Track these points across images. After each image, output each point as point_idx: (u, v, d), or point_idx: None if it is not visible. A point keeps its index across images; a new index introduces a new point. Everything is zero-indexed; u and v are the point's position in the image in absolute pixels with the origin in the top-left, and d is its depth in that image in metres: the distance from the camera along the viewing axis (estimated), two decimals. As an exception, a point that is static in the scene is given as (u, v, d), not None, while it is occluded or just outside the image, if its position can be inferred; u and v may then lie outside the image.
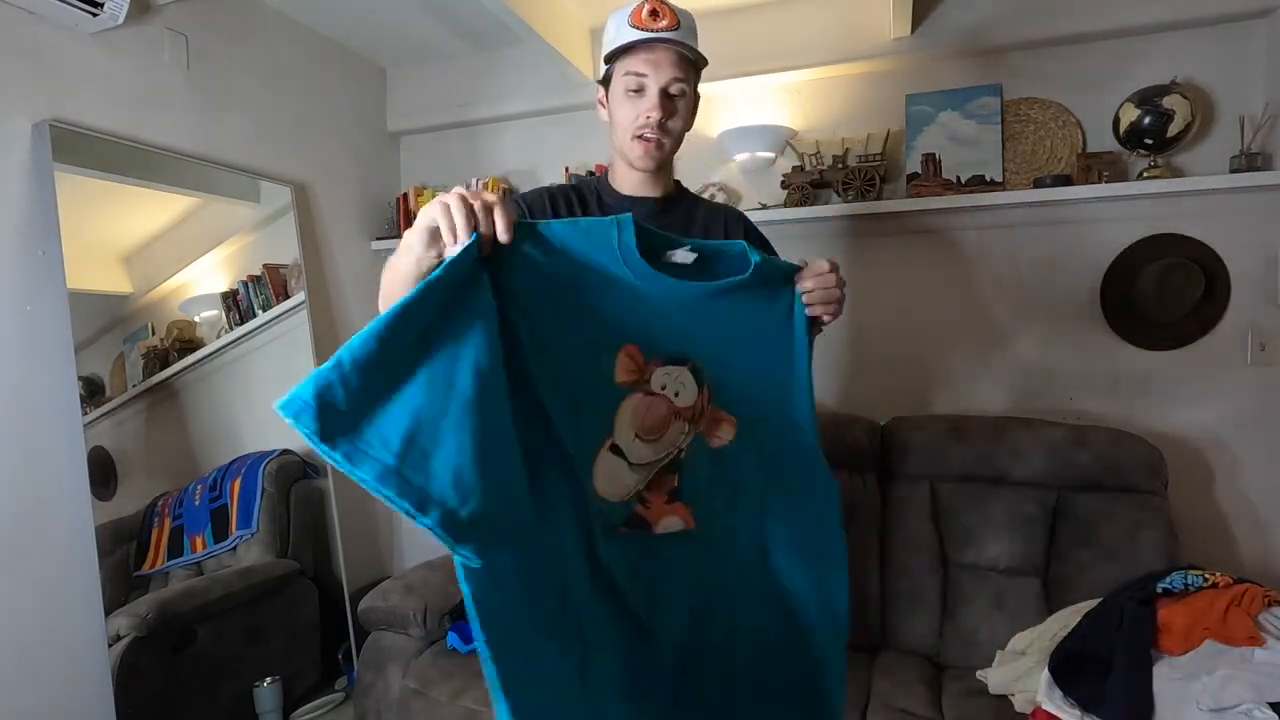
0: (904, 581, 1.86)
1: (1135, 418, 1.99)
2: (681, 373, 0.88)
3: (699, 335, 0.88)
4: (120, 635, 1.79)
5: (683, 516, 0.88)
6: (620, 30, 1.06)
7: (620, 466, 0.85)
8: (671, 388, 0.87)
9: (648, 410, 0.86)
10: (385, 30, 2.52)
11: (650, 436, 0.86)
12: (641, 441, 0.86)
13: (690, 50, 1.05)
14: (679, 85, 1.06)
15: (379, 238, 2.78)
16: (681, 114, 1.09)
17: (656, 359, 0.87)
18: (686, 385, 0.88)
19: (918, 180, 2.16)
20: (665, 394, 0.87)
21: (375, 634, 1.92)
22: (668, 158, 1.13)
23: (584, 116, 2.57)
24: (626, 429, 0.85)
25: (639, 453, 0.86)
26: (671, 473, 0.88)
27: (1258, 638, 1.18)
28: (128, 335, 1.96)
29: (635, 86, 1.06)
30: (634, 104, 1.06)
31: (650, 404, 0.86)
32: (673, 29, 1.03)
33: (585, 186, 1.20)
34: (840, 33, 2.22)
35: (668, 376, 0.87)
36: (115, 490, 1.87)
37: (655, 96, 1.05)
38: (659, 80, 1.04)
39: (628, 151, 1.10)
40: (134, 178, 1.95)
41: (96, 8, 1.73)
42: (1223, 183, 1.87)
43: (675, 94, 1.06)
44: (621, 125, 1.10)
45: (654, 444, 0.86)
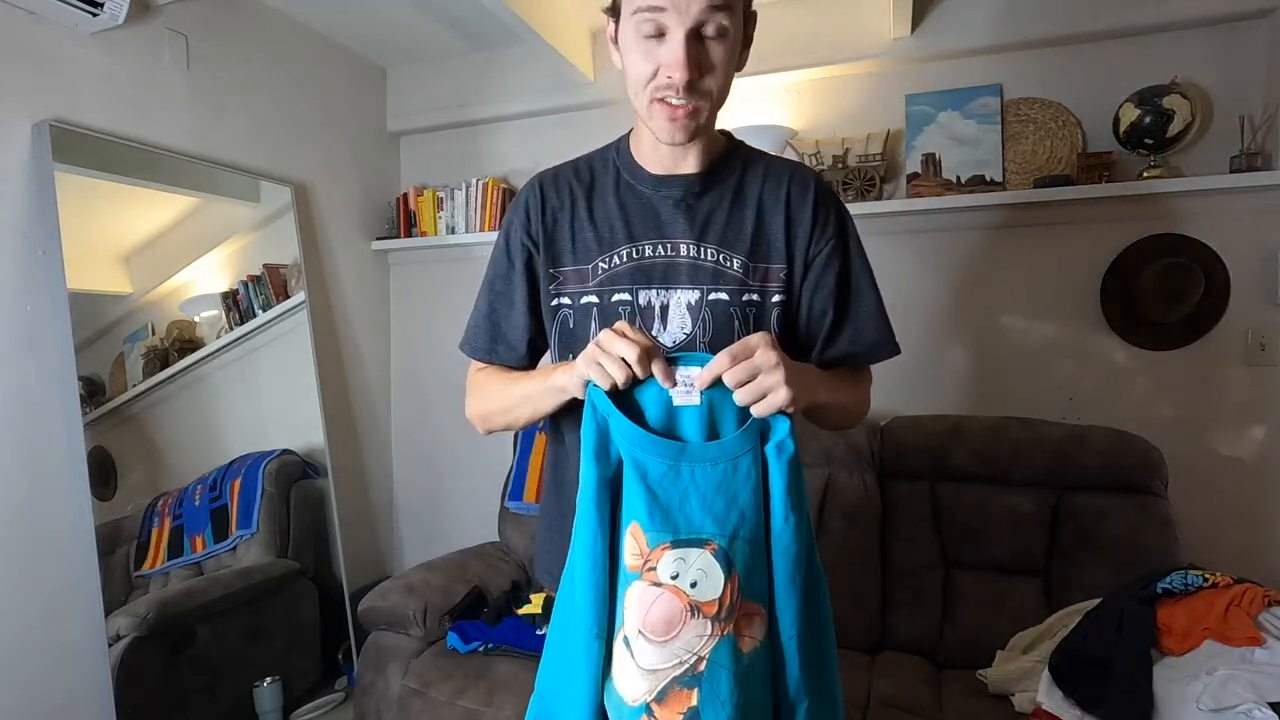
0: (904, 581, 1.86)
1: (1135, 418, 1.98)
2: (700, 556, 0.69)
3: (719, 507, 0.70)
4: (120, 635, 1.79)
5: None
6: None
7: (628, 665, 0.69)
8: (686, 577, 0.69)
9: (652, 604, 0.68)
10: (385, 30, 2.52)
11: (658, 637, 0.68)
12: (647, 642, 0.68)
13: None
14: (716, 22, 0.75)
15: (379, 238, 2.78)
16: (721, 61, 0.78)
17: (664, 541, 0.69)
18: (709, 574, 0.69)
19: (918, 180, 2.16)
20: (676, 584, 0.69)
21: (375, 634, 1.93)
22: (706, 127, 0.85)
23: (584, 116, 2.57)
24: (632, 623, 0.69)
25: (646, 656, 0.68)
26: (689, 687, 0.67)
27: (1258, 638, 1.18)
28: (128, 335, 1.96)
29: (652, 30, 0.76)
30: (651, 54, 0.77)
31: (655, 597, 0.68)
32: None
33: (601, 163, 0.97)
34: (840, 33, 2.22)
35: (680, 563, 0.69)
36: (115, 490, 1.87)
37: (681, 46, 0.75)
38: (685, 19, 0.74)
39: (648, 119, 0.83)
40: (134, 178, 1.95)
41: (96, 8, 1.73)
42: (1223, 183, 1.87)
43: (711, 35, 0.76)
44: (636, 81, 0.81)
45: (664, 647, 0.68)
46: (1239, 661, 1.16)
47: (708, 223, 0.89)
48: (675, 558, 0.69)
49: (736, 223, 0.89)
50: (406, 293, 2.89)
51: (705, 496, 0.70)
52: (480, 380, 1.00)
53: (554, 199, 0.94)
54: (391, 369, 2.90)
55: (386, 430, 2.88)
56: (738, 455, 0.71)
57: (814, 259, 0.91)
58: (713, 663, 0.68)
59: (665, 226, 0.89)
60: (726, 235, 0.89)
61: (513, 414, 0.93)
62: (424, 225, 2.71)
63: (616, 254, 0.89)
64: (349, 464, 2.65)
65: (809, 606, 0.73)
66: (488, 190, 2.59)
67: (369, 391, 2.79)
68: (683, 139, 0.83)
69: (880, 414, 2.07)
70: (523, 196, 0.97)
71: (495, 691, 1.70)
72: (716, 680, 0.68)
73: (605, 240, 0.90)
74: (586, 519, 0.72)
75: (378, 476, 2.83)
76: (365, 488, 2.77)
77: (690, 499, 0.70)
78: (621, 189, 0.92)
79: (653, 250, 0.89)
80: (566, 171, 0.97)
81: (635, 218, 0.90)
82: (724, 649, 0.68)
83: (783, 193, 0.90)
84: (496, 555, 2.26)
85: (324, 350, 2.50)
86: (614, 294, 0.89)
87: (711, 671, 0.67)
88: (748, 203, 0.90)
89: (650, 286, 0.88)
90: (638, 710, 0.69)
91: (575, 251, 0.92)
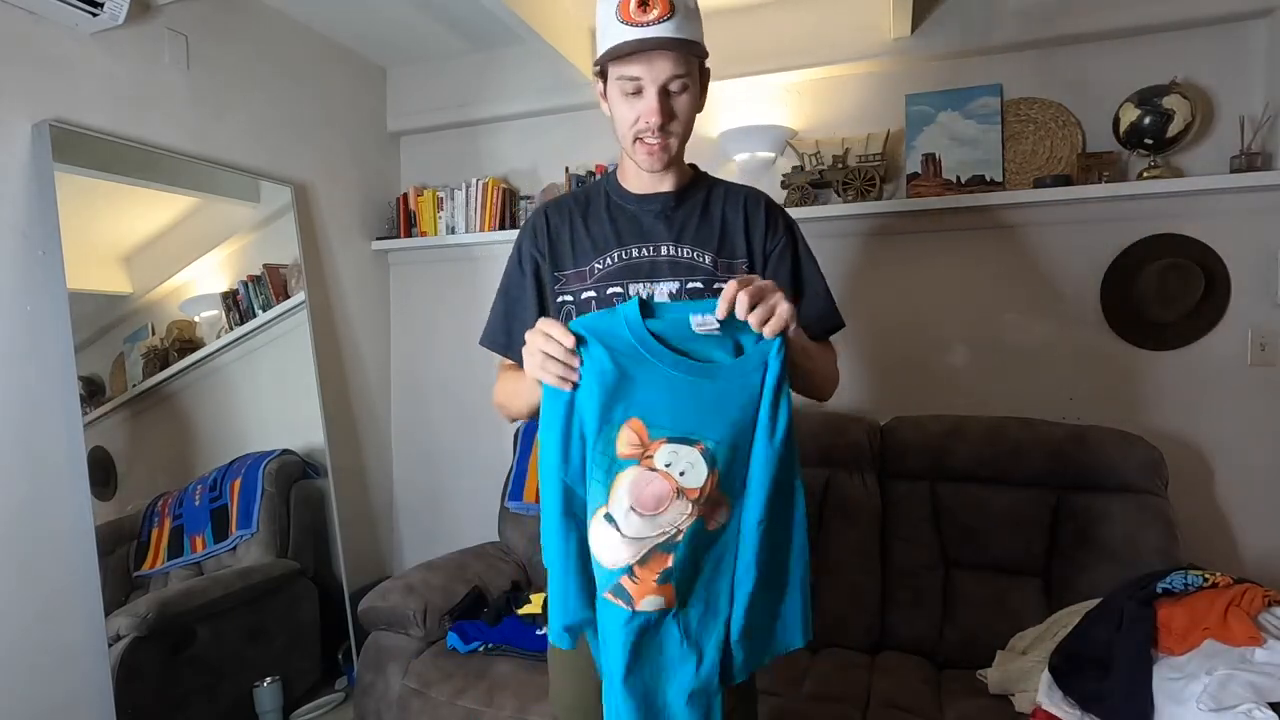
0: (904, 581, 1.86)
1: (1135, 418, 1.99)
2: (691, 453, 0.86)
3: (713, 418, 0.86)
4: (120, 635, 1.79)
5: (666, 597, 0.87)
6: (609, 25, 0.99)
7: (611, 536, 0.86)
8: (677, 466, 0.86)
9: (646, 485, 0.85)
10: (385, 30, 2.52)
11: (647, 512, 0.85)
12: (637, 515, 0.85)
13: (687, 44, 0.98)
14: (679, 81, 1.00)
15: (379, 238, 2.78)
16: (684, 109, 1.03)
17: (662, 436, 0.86)
18: (696, 466, 0.86)
19: (918, 180, 2.16)
20: (669, 472, 0.85)
21: (375, 634, 1.93)
22: (675, 156, 1.09)
23: (584, 116, 2.57)
24: (621, 501, 0.85)
25: (634, 526, 0.85)
26: (666, 552, 0.86)
27: (1258, 638, 1.18)
28: (128, 335, 1.96)
29: (633, 90, 1.01)
30: (632, 105, 1.02)
31: (650, 480, 0.85)
32: (665, 18, 0.95)
33: (594, 190, 1.18)
34: (840, 33, 2.22)
35: (674, 455, 0.85)
36: (115, 490, 1.87)
37: (654, 99, 0.99)
38: (656, 80, 0.99)
39: (631, 153, 1.07)
40: (134, 178, 1.95)
41: (96, 8, 1.73)
42: (1223, 183, 1.87)
43: (675, 90, 1.01)
44: (622, 126, 1.06)
45: (651, 520, 0.85)
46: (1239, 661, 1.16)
47: (683, 228, 1.11)
48: (670, 450, 0.86)
49: (706, 228, 1.12)
50: (406, 293, 2.89)
51: (702, 405, 0.86)
52: (500, 375, 1.19)
53: (556, 219, 1.15)
54: (391, 369, 2.90)
55: (386, 430, 2.88)
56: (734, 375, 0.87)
57: (770, 254, 1.12)
58: (688, 535, 0.86)
59: (648, 233, 1.11)
60: (699, 237, 1.11)
61: (517, 402, 1.10)
62: (424, 225, 2.71)
63: (609, 256, 1.10)
64: (349, 464, 2.65)
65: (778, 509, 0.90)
66: (488, 190, 2.59)
67: (369, 391, 2.79)
68: (659, 167, 1.07)
69: (880, 414, 2.08)
70: (530, 220, 1.18)
71: (495, 691, 1.70)
72: (688, 548, 0.86)
73: (599, 246, 1.11)
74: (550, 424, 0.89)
75: (378, 476, 2.83)
76: (365, 488, 2.77)
77: (690, 405, 0.86)
78: (611, 207, 1.14)
79: (639, 252, 1.10)
80: (566, 199, 1.19)
81: (623, 227, 1.12)
82: (697, 526, 0.86)
83: (740, 206, 1.14)
84: (496, 555, 2.26)
85: (324, 350, 2.50)
86: (609, 288, 1.08)
87: (685, 541, 0.86)
88: (714, 213, 1.13)
89: (638, 280, 1.08)
90: (619, 571, 0.86)
91: (575, 256, 1.12)
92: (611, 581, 0.86)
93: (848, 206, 2.18)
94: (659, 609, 0.87)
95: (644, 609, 0.86)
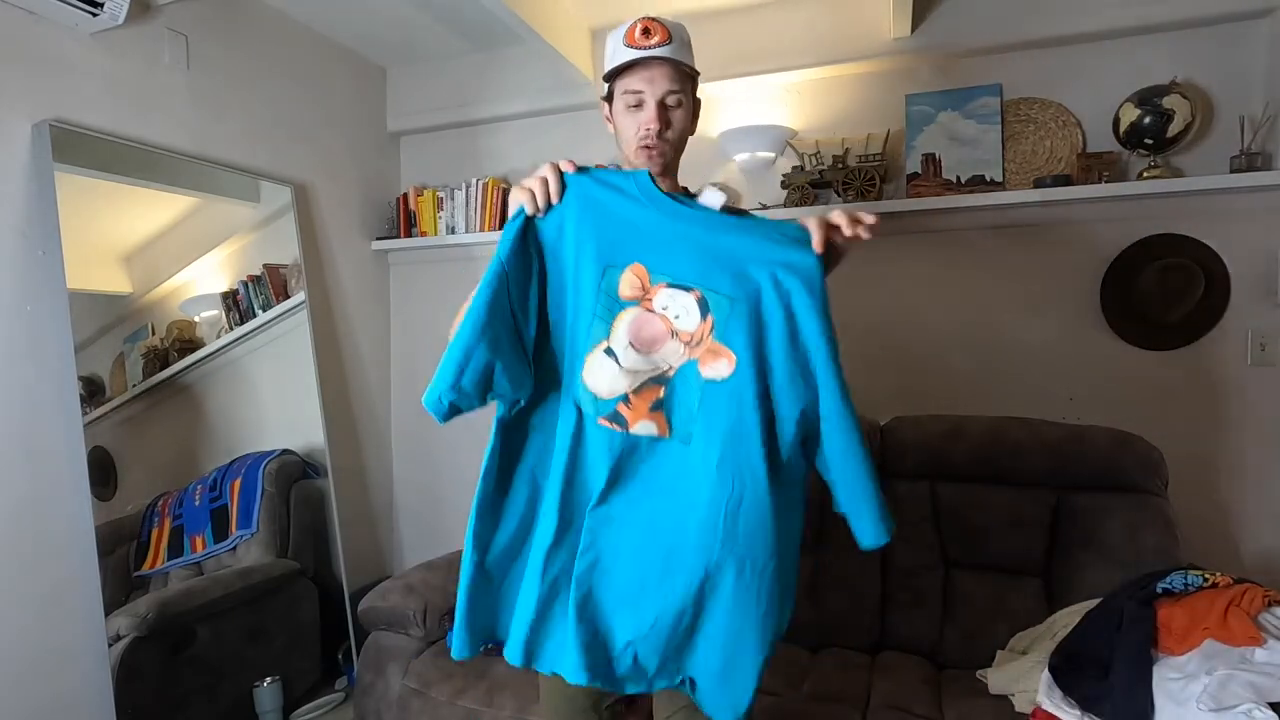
0: (904, 581, 1.86)
1: (1135, 418, 1.98)
2: (686, 298, 0.96)
3: (710, 269, 0.96)
4: (120, 635, 1.79)
5: (659, 424, 0.97)
6: (617, 50, 1.14)
7: (610, 367, 0.97)
8: (673, 310, 0.96)
9: (645, 324, 0.97)
10: (385, 30, 2.52)
11: (644, 348, 0.97)
12: (635, 351, 0.97)
13: (682, 64, 1.13)
14: (675, 96, 1.14)
15: (379, 238, 2.78)
16: (679, 121, 1.16)
17: (662, 281, 0.97)
18: (689, 311, 0.96)
19: (918, 180, 2.16)
20: (665, 314, 0.96)
21: (375, 634, 1.92)
22: (672, 162, 1.19)
23: (584, 116, 2.57)
24: (622, 336, 0.97)
25: (631, 360, 0.97)
26: (659, 384, 0.97)
27: (1258, 638, 1.18)
28: (128, 335, 1.96)
29: (634, 102, 1.13)
30: (634, 117, 1.14)
31: (648, 320, 0.97)
32: (665, 44, 1.10)
33: None
34: (840, 33, 2.22)
35: (671, 299, 0.96)
36: (115, 490, 1.87)
37: (653, 109, 1.12)
38: (655, 94, 1.12)
39: (635, 161, 1.17)
40: (134, 178, 1.95)
41: (96, 8, 1.73)
42: (1223, 183, 1.87)
43: (672, 104, 1.14)
44: (626, 137, 1.17)
45: (646, 355, 0.97)
46: (1239, 661, 1.16)
47: None
48: (668, 295, 0.97)
49: None
50: (406, 293, 2.89)
51: (702, 258, 0.96)
52: None
53: None
54: (391, 369, 2.90)
55: (386, 430, 2.88)
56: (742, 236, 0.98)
57: None
58: (679, 372, 0.97)
59: None
60: None
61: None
62: (424, 225, 2.71)
63: None
64: (349, 464, 2.65)
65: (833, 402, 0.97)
66: (488, 190, 2.59)
67: (369, 391, 2.79)
68: (657, 169, 1.15)
69: (880, 414, 2.07)
70: None
71: (495, 691, 1.70)
72: (680, 384, 0.97)
73: None
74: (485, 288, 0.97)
75: (378, 476, 2.83)
76: (365, 488, 2.77)
77: (690, 256, 0.97)
78: None
79: None
80: None
81: None
82: (689, 367, 0.97)
83: None
84: (496, 555, 2.26)
85: (324, 350, 2.50)
86: None
87: (676, 378, 0.97)
88: None
89: None
90: (616, 400, 0.97)
91: None
92: (609, 408, 0.97)
93: (848, 207, 2.18)
94: (651, 435, 0.97)
95: (637, 432, 0.97)
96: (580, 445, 0.99)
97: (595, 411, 0.98)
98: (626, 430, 0.97)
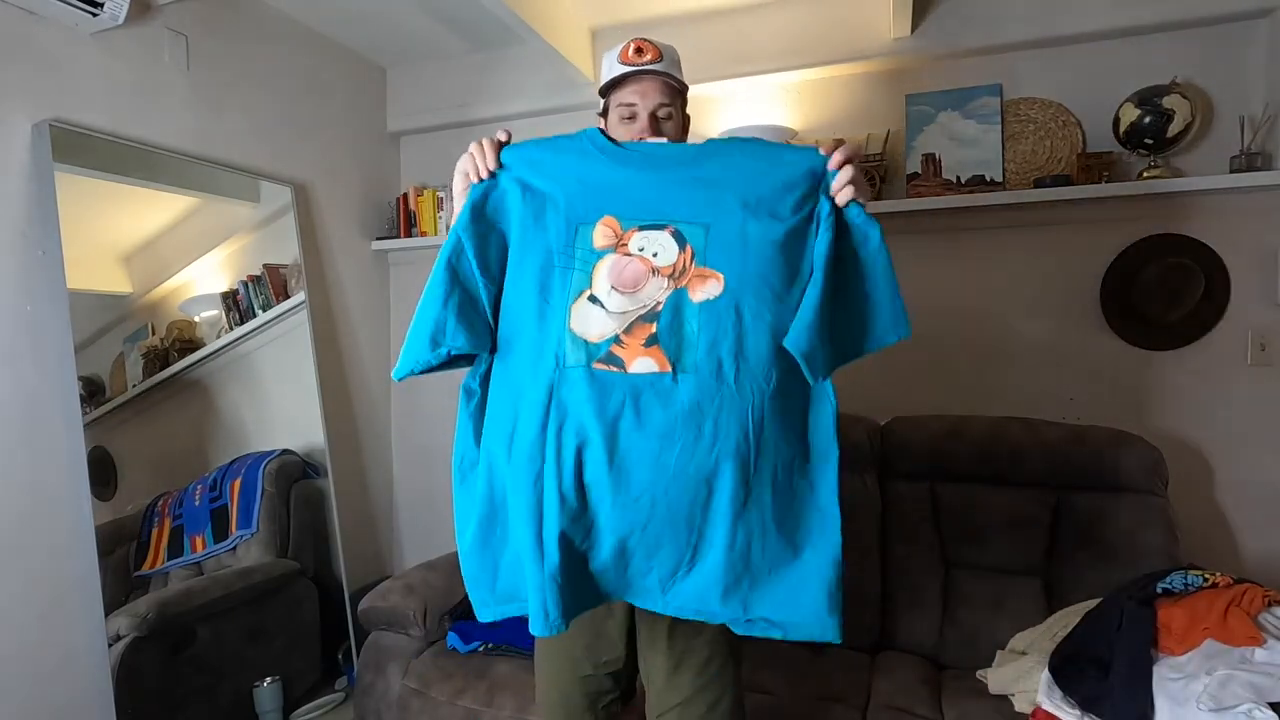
0: (904, 581, 1.86)
1: (1135, 418, 1.99)
2: (660, 235, 1.00)
3: (679, 200, 1.01)
4: (120, 635, 1.79)
5: (656, 359, 0.98)
6: (612, 68, 1.22)
7: (596, 313, 0.99)
8: (650, 249, 1.00)
9: (624, 268, 1.00)
10: (385, 30, 2.52)
11: (626, 289, 0.99)
12: (619, 293, 0.99)
13: (673, 79, 1.21)
14: (665, 109, 1.21)
15: (379, 238, 2.78)
16: (670, 133, 1.22)
17: (634, 226, 1.01)
18: (666, 247, 1.00)
19: (918, 180, 2.16)
20: (643, 255, 1.00)
21: (375, 634, 1.93)
22: None
23: (584, 117, 2.56)
24: (603, 282, 1.00)
25: (616, 302, 0.99)
26: (649, 322, 0.99)
27: (1258, 638, 1.18)
28: (128, 335, 1.96)
29: (628, 114, 1.20)
30: (628, 128, 1.21)
31: (627, 263, 1.00)
32: (656, 61, 1.18)
33: None
34: (840, 33, 2.22)
35: (646, 240, 1.00)
36: (115, 490, 1.87)
37: (645, 120, 1.19)
38: (647, 106, 1.19)
39: None
40: (134, 178, 1.95)
41: (96, 8, 1.73)
42: (1223, 183, 1.87)
43: (663, 117, 1.21)
44: None
45: (631, 295, 0.99)
46: (1239, 661, 1.16)
47: None
48: (642, 237, 1.00)
49: None
50: (406, 293, 2.89)
51: (666, 192, 1.02)
52: None
53: None
54: (391, 369, 2.90)
55: (386, 430, 2.88)
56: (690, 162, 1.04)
57: None
58: (666, 305, 0.99)
59: None
60: None
61: None
62: (424, 225, 2.71)
63: None
64: (349, 464, 2.65)
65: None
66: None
67: (369, 391, 2.79)
68: None
69: (880, 414, 2.07)
70: None
71: (495, 691, 1.70)
72: (671, 315, 0.98)
73: None
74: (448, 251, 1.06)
75: (378, 476, 2.83)
76: (365, 488, 2.77)
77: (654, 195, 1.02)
78: None
79: None
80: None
81: None
82: (676, 296, 0.99)
83: None
84: (496, 555, 2.26)
85: (324, 350, 2.50)
86: None
87: (665, 310, 0.98)
88: None
89: None
90: (608, 341, 0.98)
91: None
92: (602, 351, 0.98)
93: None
94: (651, 371, 0.97)
95: (636, 370, 0.97)
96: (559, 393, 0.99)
97: (589, 357, 0.98)
98: (624, 370, 0.97)
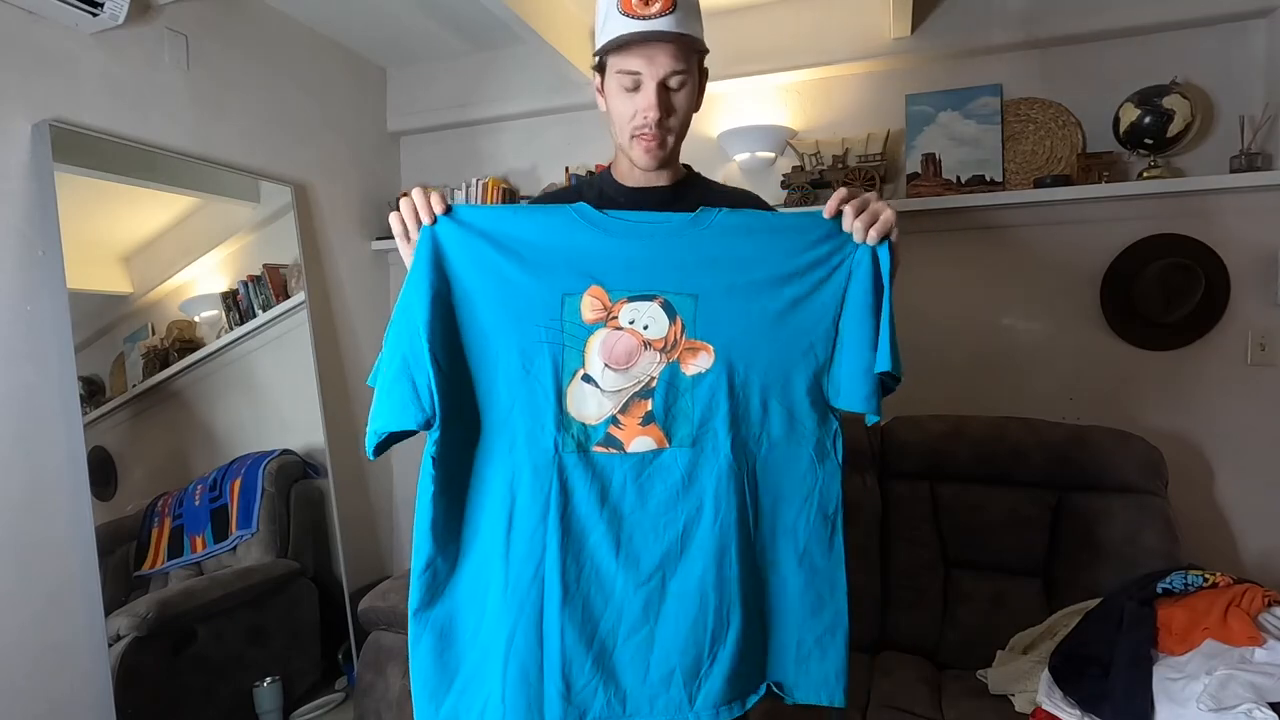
0: (904, 581, 1.86)
1: (1135, 418, 1.98)
2: (650, 307, 0.95)
3: (669, 271, 0.96)
4: (120, 635, 1.79)
5: (655, 437, 0.96)
6: (610, 17, 0.97)
7: (592, 393, 0.95)
8: (640, 322, 0.95)
9: (616, 343, 0.95)
10: (385, 30, 2.52)
11: (619, 366, 0.95)
12: (612, 371, 0.95)
13: (687, 39, 0.97)
14: (678, 77, 0.98)
15: (379, 238, 2.78)
16: (682, 105, 1.02)
17: (623, 297, 0.95)
18: (656, 319, 0.96)
19: (918, 180, 2.16)
20: (634, 328, 0.95)
21: (375, 634, 1.92)
22: (672, 153, 1.06)
23: (584, 116, 2.57)
24: (596, 360, 0.95)
25: (610, 380, 0.95)
26: (644, 399, 0.96)
27: (1258, 638, 1.18)
28: (128, 335, 1.96)
29: (630, 85, 0.99)
30: (630, 100, 1.00)
31: (619, 338, 0.95)
32: (667, 11, 0.94)
33: (585, 185, 1.19)
34: (840, 33, 2.23)
35: (635, 312, 0.95)
36: (115, 490, 1.87)
37: (652, 94, 0.98)
38: (655, 75, 0.97)
39: (628, 149, 1.05)
40: (134, 178, 1.95)
41: (96, 8, 1.73)
42: (1223, 183, 1.87)
43: (674, 86, 0.99)
44: (619, 121, 1.03)
45: (624, 372, 0.95)
46: (1239, 661, 1.16)
47: None
48: (632, 309, 0.95)
49: None
50: (406, 293, 2.89)
51: (655, 262, 0.96)
52: None
53: None
54: (391, 369, 2.90)
55: (386, 430, 2.87)
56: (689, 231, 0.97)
57: None
58: (660, 381, 0.96)
59: None
60: None
61: None
62: (424, 225, 2.71)
63: None
64: (349, 464, 2.64)
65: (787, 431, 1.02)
66: (488, 190, 2.59)
67: (369, 391, 2.78)
68: (655, 164, 1.05)
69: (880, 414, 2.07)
70: None
71: (495, 691, 1.70)
72: (665, 390, 0.96)
73: None
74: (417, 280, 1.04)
75: (378, 476, 2.83)
76: (365, 488, 2.76)
77: (643, 265, 0.96)
78: (604, 200, 1.08)
79: None
80: (560, 194, 1.21)
81: None
82: (670, 371, 0.96)
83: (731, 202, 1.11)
84: (496, 555, 2.26)
85: (324, 350, 2.50)
86: None
87: (659, 386, 0.96)
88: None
89: None
90: (606, 423, 0.95)
91: None
92: (601, 434, 0.96)
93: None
94: (650, 449, 0.96)
95: (635, 450, 0.95)
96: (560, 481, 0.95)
97: (589, 440, 0.95)
98: (624, 451, 0.95)
